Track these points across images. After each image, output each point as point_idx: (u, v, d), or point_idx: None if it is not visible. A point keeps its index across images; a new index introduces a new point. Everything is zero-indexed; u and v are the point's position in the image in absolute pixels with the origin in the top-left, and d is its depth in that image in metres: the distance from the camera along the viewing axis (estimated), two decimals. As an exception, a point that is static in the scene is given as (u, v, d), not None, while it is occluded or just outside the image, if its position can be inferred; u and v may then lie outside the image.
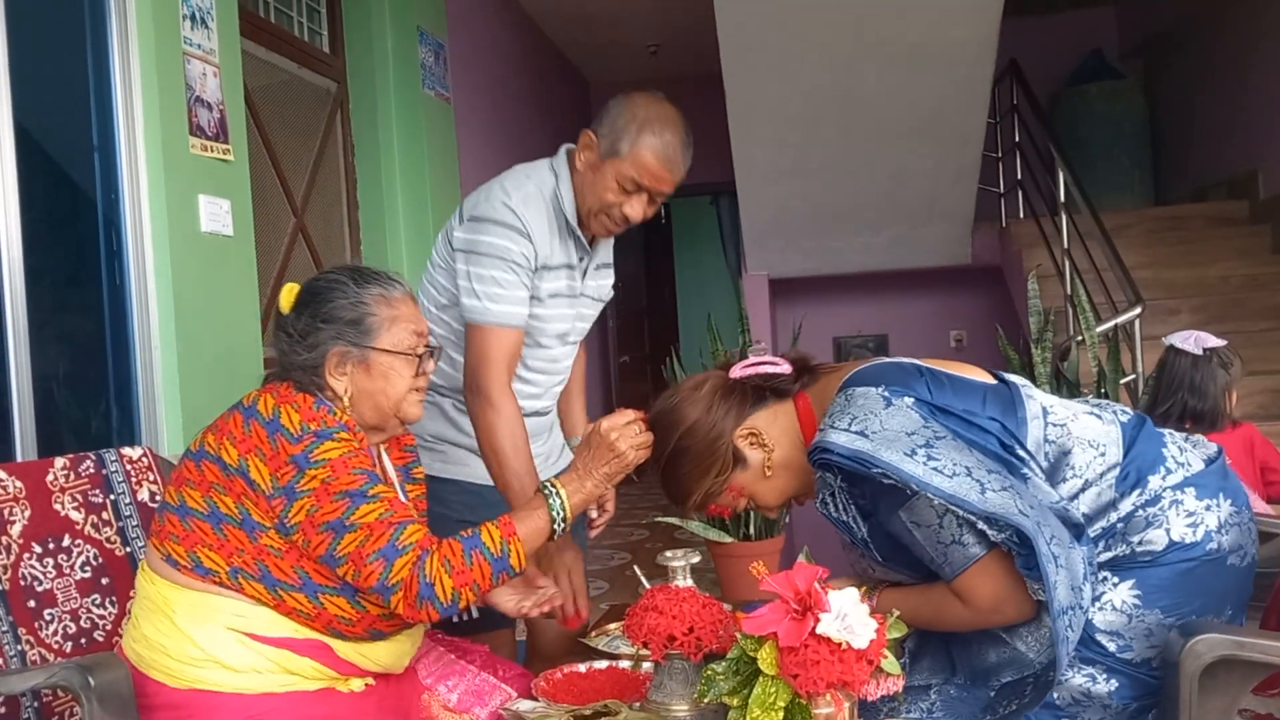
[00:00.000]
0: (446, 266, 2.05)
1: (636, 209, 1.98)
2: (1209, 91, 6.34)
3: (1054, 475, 1.52)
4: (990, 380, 1.60)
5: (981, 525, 1.41)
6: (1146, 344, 4.16)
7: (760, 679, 1.34)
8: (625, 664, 1.81)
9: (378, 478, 1.57)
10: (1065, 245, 5.06)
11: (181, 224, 2.84)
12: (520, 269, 1.94)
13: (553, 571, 1.85)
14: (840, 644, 1.29)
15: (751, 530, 3.84)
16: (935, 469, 1.41)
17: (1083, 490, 1.52)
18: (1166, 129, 6.92)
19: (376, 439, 1.72)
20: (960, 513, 1.41)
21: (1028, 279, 4.35)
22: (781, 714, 1.32)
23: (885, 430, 1.46)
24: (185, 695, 1.54)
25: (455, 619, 1.76)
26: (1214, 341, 2.95)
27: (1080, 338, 4.16)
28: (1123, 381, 3.94)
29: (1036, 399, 1.58)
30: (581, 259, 2.08)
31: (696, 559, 1.61)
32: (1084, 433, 1.55)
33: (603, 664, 1.82)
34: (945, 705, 1.56)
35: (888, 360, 1.62)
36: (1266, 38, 5.65)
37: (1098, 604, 1.48)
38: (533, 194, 1.98)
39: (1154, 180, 6.96)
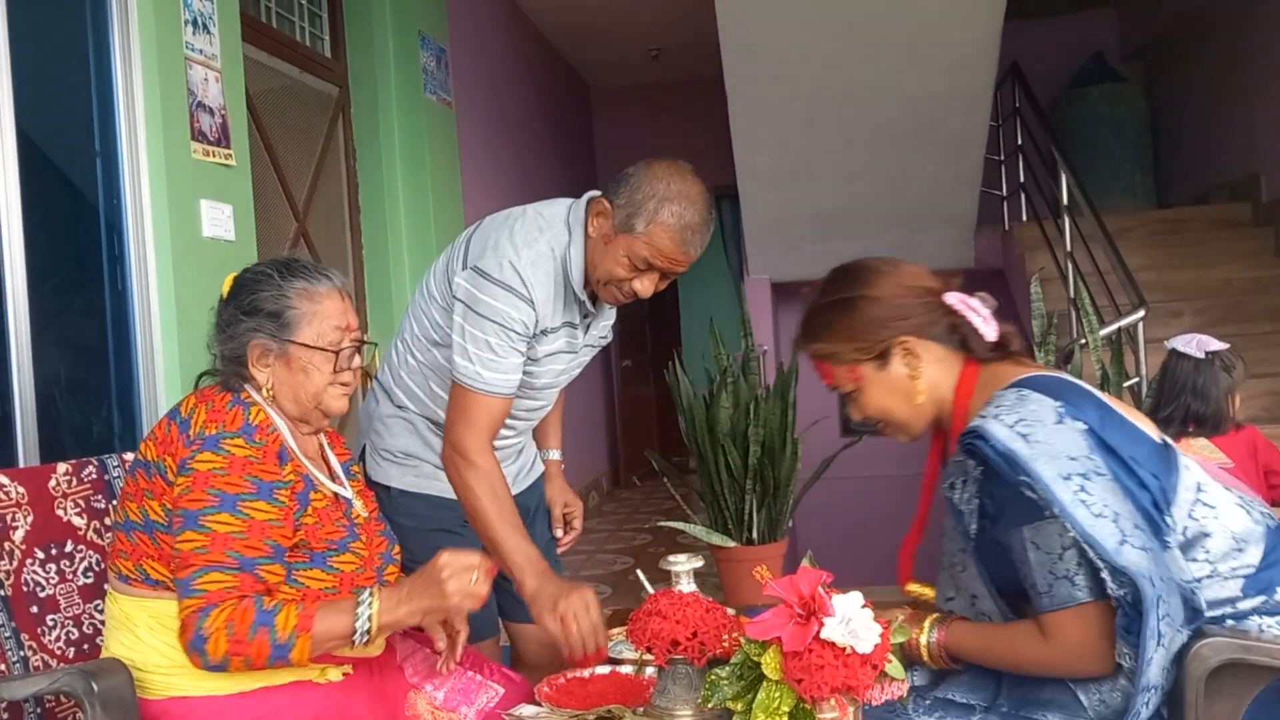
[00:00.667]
0: (445, 305, 1.96)
1: (647, 285, 1.89)
2: (1211, 94, 6.34)
3: (1185, 554, 1.47)
4: (1156, 436, 1.55)
5: (1104, 574, 1.37)
6: (1150, 347, 4.15)
7: (764, 684, 1.33)
8: (628, 669, 1.81)
9: (232, 504, 1.52)
10: (1068, 248, 5.05)
11: (183, 229, 2.84)
12: (518, 336, 1.87)
13: (570, 613, 1.72)
14: (845, 649, 1.28)
15: (755, 535, 3.83)
16: (1084, 501, 1.37)
17: (1208, 577, 1.47)
18: (1168, 131, 6.92)
19: (305, 430, 1.72)
20: (1089, 553, 1.37)
21: (1031, 282, 4.33)
22: (786, 719, 1.32)
23: (1049, 444, 1.41)
24: (162, 705, 1.55)
25: None
26: (1216, 344, 2.94)
27: (1083, 341, 4.14)
28: (1126, 385, 3.93)
29: (1193, 471, 1.53)
30: (585, 317, 2.01)
31: (700, 564, 1.60)
32: (1230, 523, 1.49)
33: (605, 669, 1.82)
34: None
35: (1069, 378, 1.56)
36: (1268, 40, 5.64)
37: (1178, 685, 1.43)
38: (543, 254, 1.88)
39: (1156, 183, 6.96)
